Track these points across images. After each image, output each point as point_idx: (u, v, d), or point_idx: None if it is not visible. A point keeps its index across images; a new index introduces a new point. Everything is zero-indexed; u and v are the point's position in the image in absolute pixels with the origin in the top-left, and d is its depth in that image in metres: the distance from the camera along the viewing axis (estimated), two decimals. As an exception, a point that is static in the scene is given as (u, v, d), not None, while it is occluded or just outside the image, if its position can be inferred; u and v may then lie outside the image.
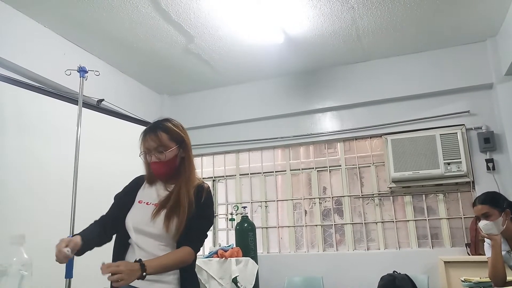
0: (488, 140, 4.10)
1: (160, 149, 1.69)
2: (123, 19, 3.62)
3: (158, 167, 1.70)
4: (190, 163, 1.77)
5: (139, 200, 1.75)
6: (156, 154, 1.69)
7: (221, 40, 4.04)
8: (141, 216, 1.67)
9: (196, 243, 1.68)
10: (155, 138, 1.69)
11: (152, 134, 1.70)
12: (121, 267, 1.42)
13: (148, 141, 1.70)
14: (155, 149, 1.69)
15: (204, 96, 5.28)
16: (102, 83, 3.90)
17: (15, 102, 3.04)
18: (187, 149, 1.77)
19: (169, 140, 1.71)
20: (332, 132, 4.78)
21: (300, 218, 4.89)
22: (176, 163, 1.73)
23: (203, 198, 1.71)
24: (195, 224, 1.66)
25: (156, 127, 1.73)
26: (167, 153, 1.69)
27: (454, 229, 4.25)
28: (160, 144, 1.69)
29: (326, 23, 3.81)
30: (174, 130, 1.74)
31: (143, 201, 1.74)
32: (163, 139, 1.70)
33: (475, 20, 3.87)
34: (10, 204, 2.87)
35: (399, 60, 4.53)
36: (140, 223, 1.66)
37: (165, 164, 1.70)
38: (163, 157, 1.69)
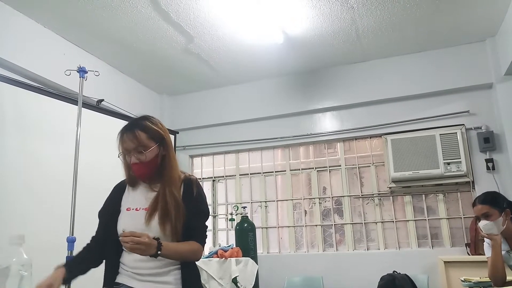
0: (488, 140, 4.10)
1: (140, 149, 1.62)
2: (123, 19, 3.62)
3: (139, 168, 1.63)
4: (172, 160, 1.70)
5: (127, 207, 1.68)
6: (135, 154, 1.62)
7: (221, 40, 4.04)
8: (134, 223, 1.60)
9: (201, 238, 1.67)
10: (133, 138, 1.62)
11: (130, 134, 1.63)
12: (144, 239, 1.43)
13: (126, 141, 1.63)
14: (134, 149, 1.62)
15: (204, 96, 5.28)
16: (101, 83, 3.90)
17: (14, 102, 3.04)
18: (168, 146, 1.70)
19: (148, 139, 1.64)
20: (332, 132, 4.78)
21: (300, 218, 4.89)
22: (157, 162, 1.66)
23: (195, 192, 1.68)
24: (194, 220, 1.64)
25: (134, 126, 1.66)
26: (147, 153, 1.62)
27: (454, 229, 4.25)
28: (139, 144, 1.62)
29: (325, 23, 3.81)
30: (152, 128, 1.68)
31: (132, 208, 1.67)
32: (141, 139, 1.63)
33: (475, 20, 3.87)
34: (9, 205, 2.87)
35: (399, 60, 4.53)
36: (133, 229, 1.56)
37: (147, 165, 1.63)
38: (144, 158, 1.62)
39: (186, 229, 1.61)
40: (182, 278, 1.60)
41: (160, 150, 1.67)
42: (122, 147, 1.66)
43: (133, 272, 1.59)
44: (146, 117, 1.73)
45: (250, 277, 3.90)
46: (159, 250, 1.47)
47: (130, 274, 1.60)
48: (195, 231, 1.64)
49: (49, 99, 3.30)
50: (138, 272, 1.58)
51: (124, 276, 1.60)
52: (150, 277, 1.57)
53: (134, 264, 1.59)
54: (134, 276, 1.59)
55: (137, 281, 1.58)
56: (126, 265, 1.61)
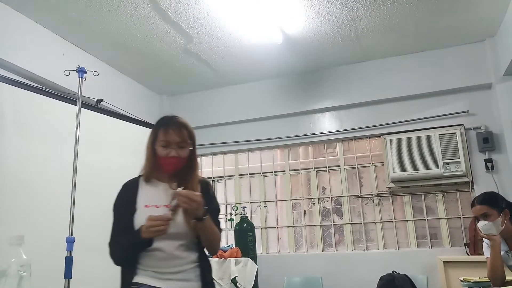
0: (487, 140, 4.10)
1: (182, 144, 1.68)
2: (122, 19, 3.62)
3: (175, 162, 1.66)
4: (197, 163, 1.78)
5: (146, 204, 1.66)
6: (177, 149, 1.66)
7: (220, 40, 4.04)
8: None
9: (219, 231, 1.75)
10: (179, 133, 1.67)
11: (176, 129, 1.68)
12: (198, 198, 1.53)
13: (171, 134, 1.66)
14: (177, 143, 1.67)
15: (203, 96, 5.28)
16: (101, 83, 3.89)
17: (13, 102, 3.03)
18: (195, 149, 1.77)
19: (188, 138, 1.71)
20: (331, 132, 4.78)
21: (299, 218, 4.89)
22: (186, 161, 1.71)
23: (210, 191, 1.79)
24: (212, 216, 1.68)
25: (178, 123, 1.71)
26: (186, 150, 1.70)
27: (453, 229, 4.25)
28: (183, 140, 1.68)
29: (325, 23, 3.81)
30: (190, 129, 1.75)
31: (151, 205, 1.66)
32: (185, 136, 1.69)
33: (474, 20, 3.87)
34: (8, 205, 2.86)
35: (398, 60, 4.53)
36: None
37: (181, 161, 1.68)
38: (183, 154, 1.68)
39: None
40: (201, 274, 1.63)
41: (191, 151, 1.74)
42: (164, 139, 1.66)
43: (154, 271, 1.58)
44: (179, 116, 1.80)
45: (249, 277, 3.91)
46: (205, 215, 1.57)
47: (150, 274, 1.58)
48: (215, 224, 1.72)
49: (48, 99, 3.29)
50: (159, 270, 1.58)
51: (143, 276, 1.58)
52: (171, 275, 1.57)
53: (155, 263, 1.59)
54: (155, 275, 1.58)
55: (159, 280, 1.57)
56: (146, 264, 1.60)
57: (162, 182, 1.74)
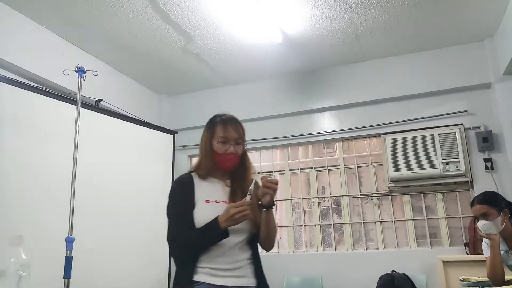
0: (487, 139, 4.11)
1: (240, 141, 1.73)
2: (121, 19, 3.61)
3: (233, 158, 1.70)
4: (250, 160, 1.82)
5: (206, 199, 1.67)
6: (235, 145, 1.71)
7: (220, 40, 4.04)
8: (218, 214, 1.58)
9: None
10: (238, 130, 1.73)
11: (234, 125, 1.73)
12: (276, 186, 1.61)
13: (230, 130, 1.71)
14: (236, 140, 1.71)
15: (203, 96, 5.28)
16: (100, 83, 3.89)
17: (13, 102, 3.03)
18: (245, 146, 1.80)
19: (243, 135, 1.76)
20: (331, 132, 4.78)
21: (299, 218, 4.89)
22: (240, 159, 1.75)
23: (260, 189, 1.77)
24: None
25: (235, 119, 1.78)
26: (242, 147, 1.74)
27: (453, 229, 4.25)
28: (240, 136, 1.73)
29: (324, 23, 3.81)
30: (243, 127, 1.79)
31: (211, 200, 1.67)
32: (241, 132, 1.74)
33: (473, 20, 3.87)
34: (8, 205, 2.86)
35: (398, 60, 4.54)
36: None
37: (238, 157, 1.72)
38: (240, 150, 1.73)
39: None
40: (256, 271, 1.66)
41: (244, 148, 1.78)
42: (224, 135, 1.70)
43: (211, 268, 1.58)
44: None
45: (249, 277, 3.90)
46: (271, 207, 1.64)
47: (208, 271, 1.58)
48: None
49: (48, 99, 3.29)
50: (217, 267, 1.58)
51: (201, 274, 1.57)
52: (229, 271, 1.58)
53: (213, 259, 1.58)
54: (213, 273, 1.57)
55: (217, 278, 1.57)
56: (203, 261, 1.59)
57: (216, 179, 1.76)
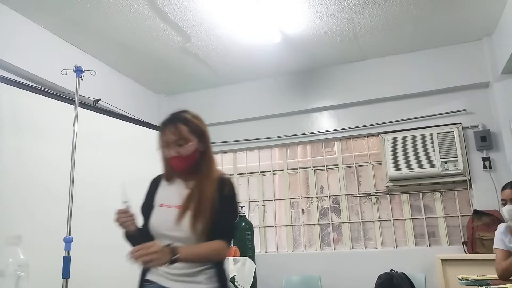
0: (485, 138, 4.11)
1: (180, 142, 1.62)
2: (120, 18, 3.61)
3: (178, 161, 1.62)
4: (211, 157, 1.70)
5: (161, 203, 1.67)
6: (175, 148, 1.61)
7: (218, 40, 4.04)
8: (165, 221, 1.60)
9: (227, 237, 1.62)
10: (175, 131, 1.62)
11: (172, 127, 1.63)
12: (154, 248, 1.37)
13: (167, 134, 1.62)
14: (175, 142, 1.61)
15: (201, 95, 5.28)
16: (98, 83, 3.88)
17: (10, 102, 3.02)
18: (207, 142, 1.71)
19: (189, 133, 1.64)
20: (329, 131, 4.78)
21: (297, 217, 4.89)
22: (196, 157, 1.66)
23: (226, 190, 1.64)
24: (222, 218, 1.59)
25: (175, 119, 1.66)
26: (187, 147, 1.62)
27: (451, 228, 4.26)
28: (180, 137, 1.62)
29: (323, 22, 3.81)
30: (194, 122, 1.68)
31: (165, 204, 1.66)
32: (183, 132, 1.63)
33: (472, 19, 3.88)
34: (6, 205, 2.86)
35: (396, 59, 4.54)
36: (164, 228, 1.60)
37: (186, 159, 1.62)
38: (183, 151, 1.62)
39: (214, 228, 1.57)
40: (212, 277, 1.58)
41: (200, 145, 1.67)
42: (162, 140, 1.64)
43: (165, 272, 1.58)
44: (187, 110, 1.72)
45: (248, 276, 3.91)
46: (174, 255, 1.42)
47: (161, 273, 1.59)
48: (222, 229, 1.59)
49: (46, 98, 3.28)
50: (170, 272, 1.57)
51: (155, 275, 1.60)
52: (181, 277, 1.56)
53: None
54: (166, 276, 1.58)
55: (169, 281, 1.57)
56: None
57: (181, 179, 1.71)
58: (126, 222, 1.59)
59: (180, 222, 1.56)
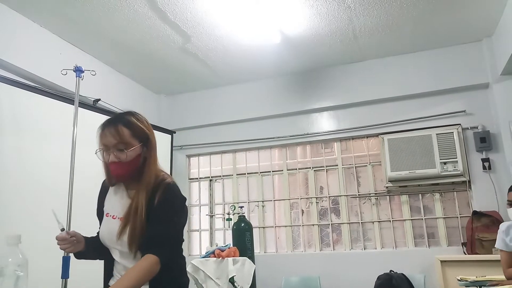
0: (484, 139, 4.11)
1: (121, 146, 1.46)
2: (120, 18, 3.61)
3: (116, 167, 1.47)
4: (152, 164, 1.53)
5: (106, 212, 1.59)
6: (115, 152, 1.46)
7: (218, 40, 4.04)
8: (109, 233, 1.52)
9: (159, 248, 1.41)
10: (115, 134, 1.46)
11: (112, 129, 1.46)
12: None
13: (107, 136, 1.46)
14: (115, 146, 1.46)
15: (201, 96, 5.28)
16: (98, 83, 3.89)
17: (11, 101, 3.03)
18: (151, 148, 1.54)
19: (131, 137, 1.48)
20: (329, 131, 4.79)
21: (297, 217, 4.89)
22: (137, 164, 1.50)
23: (158, 197, 1.47)
24: (151, 229, 1.43)
25: (117, 121, 1.49)
26: (129, 152, 1.46)
27: (451, 229, 4.26)
28: (121, 140, 1.46)
29: (322, 23, 3.82)
30: (137, 125, 1.52)
31: (110, 214, 1.57)
32: (124, 135, 1.47)
33: (471, 20, 3.88)
34: (5, 204, 2.86)
35: (396, 60, 4.54)
36: (109, 240, 1.53)
37: (126, 165, 1.47)
38: (124, 157, 1.46)
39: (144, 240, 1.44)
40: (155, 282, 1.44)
41: (143, 151, 1.52)
42: (101, 142, 1.48)
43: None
44: (132, 112, 1.57)
45: (247, 277, 3.90)
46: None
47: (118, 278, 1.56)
48: (153, 240, 1.42)
49: (46, 98, 3.29)
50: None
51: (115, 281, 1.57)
52: None
53: (121, 271, 1.56)
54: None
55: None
56: (117, 270, 1.58)
57: (123, 186, 1.58)
58: (69, 248, 1.56)
59: (121, 237, 1.47)
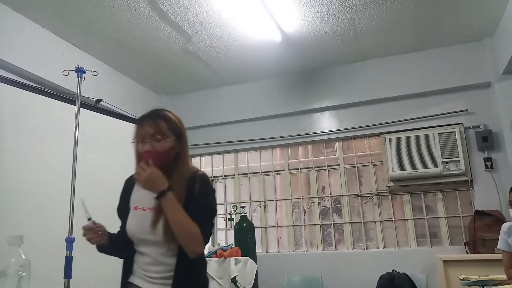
0: (486, 138, 4.11)
1: (157, 137, 1.55)
2: (121, 19, 3.61)
3: (150, 156, 1.53)
4: (185, 159, 1.63)
5: (135, 206, 1.64)
6: (151, 142, 1.54)
7: (219, 40, 4.04)
8: (140, 225, 1.57)
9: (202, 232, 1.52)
10: (153, 125, 1.56)
11: (151, 121, 1.57)
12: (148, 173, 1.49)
13: (145, 127, 1.56)
14: (152, 136, 1.55)
15: (203, 96, 5.28)
16: (100, 83, 3.89)
17: (12, 102, 3.03)
18: (184, 144, 1.63)
19: (167, 129, 1.58)
20: (331, 131, 4.78)
21: (299, 217, 4.89)
22: (170, 157, 1.58)
23: (196, 188, 1.57)
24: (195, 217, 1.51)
25: (156, 114, 1.61)
26: (164, 143, 1.55)
27: (453, 228, 4.25)
28: (158, 131, 1.55)
29: (324, 22, 3.81)
30: (173, 120, 1.63)
31: (139, 207, 1.62)
32: (161, 127, 1.56)
33: (473, 19, 3.87)
34: (7, 205, 2.86)
35: (397, 59, 4.53)
36: (140, 232, 1.57)
37: (159, 155, 1.54)
38: (159, 147, 1.54)
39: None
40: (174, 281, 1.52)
41: (176, 145, 1.60)
42: (139, 134, 1.58)
43: (144, 274, 1.58)
44: (169, 110, 1.68)
45: (249, 276, 3.91)
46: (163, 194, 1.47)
47: (141, 276, 1.58)
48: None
49: (47, 99, 3.29)
50: (148, 274, 1.57)
51: (136, 277, 1.59)
52: (159, 280, 1.55)
53: (145, 266, 1.58)
54: (145, 278, 1.57)
55: (147, 283, 1.56)
56: (138, 266, 1.60)
57: None
58: (94, 238, 1.58)
59: (155, 226, 1.52)
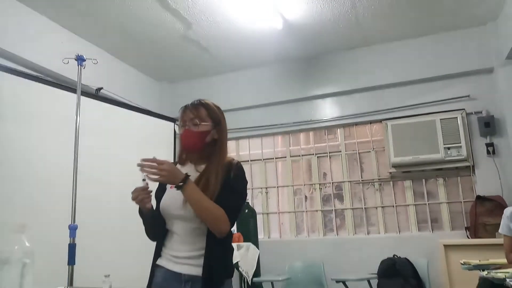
0: (488, 124, 4.09)
1: (196, 120, 1.69)
2: (121, 6, 3.58)
3: (187, 135, 1.69)
4: (223, 146, 1.74)
5: (171, 185, 1.70)
6: (190, 125, 1.69)
7: (219, 27, 4.01)
8: (173, 201, 1.63)
9: (229, 214, 1.59)
10: (194, 110, 1.71)
11: (193, 107, 1.73)
12: (165, 166, 1.53)
13: (187, 112, 1.72)
14: (191, 120, 1.69)
15: (203, 83, 5.26)
16: (100, 71, 3.88)
17: (13, 91, 3.03)
18: (222, 132, 1.76)
19: (206, 116, 1.72)
20: (332, 118, 4.77)
21: (300, 203, 4.91)
22: (206, 140, 1.70)
23: (232, 173, 1.66)
24: (225, 198, 1.59)
25: (198, 103, 1.76)
26: (201, 126, 1.69)
27: (454, 213, 4.27)
28: (197, 116, 1.70)
29: (325, 8, 3.78)
30: (213, 108, 1.77)
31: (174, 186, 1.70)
32: (201, 113, 1.71)
33: (476, 4, 3.83)
34: (10, 193, 2.88)
35: (399, 45, 4.50)
36: (172, 208, 1.64)
37: (195, 135, 1.68)
38: (196, 128, 1.69)
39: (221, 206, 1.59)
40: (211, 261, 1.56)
41: (213, 132, 1.72)
42: (181, 119, 1.73)
43: (171, 255, 1.62)
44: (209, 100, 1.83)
45: (251, 262, 3.94)
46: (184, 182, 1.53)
47: (168, 257, 1.63)
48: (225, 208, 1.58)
49: (48, 87, 3.29)
50: (175, 254, 1.61)
51: (164, 259, 1.64)
52: (185, 259, 1.59)
53: (173, 245, 1.63)
54: (172, 259, 1.62)
55: (174, 264, 1.60)
56: (167, 247, 1.65)
57: (192, 163, 1.76)
58: (144, 199, 1.63)
59: (187, 204, 1.58)
